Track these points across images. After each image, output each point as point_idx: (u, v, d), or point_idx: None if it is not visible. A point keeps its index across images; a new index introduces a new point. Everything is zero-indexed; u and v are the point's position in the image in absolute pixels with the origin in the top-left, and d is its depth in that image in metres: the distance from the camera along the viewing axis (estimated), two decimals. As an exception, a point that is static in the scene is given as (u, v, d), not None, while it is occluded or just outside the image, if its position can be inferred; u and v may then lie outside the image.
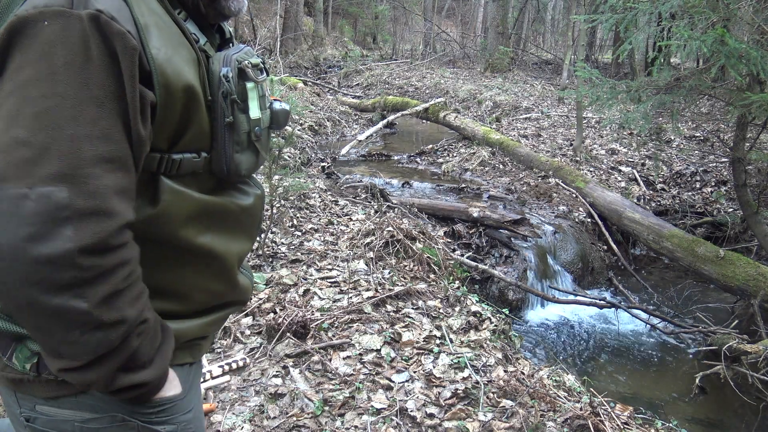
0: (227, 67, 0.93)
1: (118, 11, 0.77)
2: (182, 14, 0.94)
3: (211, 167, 0.96)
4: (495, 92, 11.35)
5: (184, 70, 0.85)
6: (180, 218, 0.91)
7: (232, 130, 0.95)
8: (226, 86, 0.92)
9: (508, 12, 16.27)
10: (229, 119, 0.94)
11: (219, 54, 0.96)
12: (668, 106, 4.58)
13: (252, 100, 0.98)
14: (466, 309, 3.30)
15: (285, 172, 3.71)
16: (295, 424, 2.28)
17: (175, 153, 0.89)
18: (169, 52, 0.83)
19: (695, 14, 3.90)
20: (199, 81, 0.89)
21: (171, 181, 0.89)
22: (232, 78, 0.93)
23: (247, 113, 0.97)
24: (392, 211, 4.81)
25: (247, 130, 0.98)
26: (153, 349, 0.88)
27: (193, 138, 0.91)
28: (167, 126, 0.86)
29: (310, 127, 8.42)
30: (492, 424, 2.34)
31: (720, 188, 6.49)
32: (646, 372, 3.91)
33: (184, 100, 0.86)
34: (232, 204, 1.01)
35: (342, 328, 2.94)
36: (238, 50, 0.99)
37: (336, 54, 18.86)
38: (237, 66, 0.95)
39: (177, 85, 0.84)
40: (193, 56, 0.89)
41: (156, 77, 0.81)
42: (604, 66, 15.53)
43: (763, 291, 3.87)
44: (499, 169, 6.92)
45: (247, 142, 0.99)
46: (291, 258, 3.65)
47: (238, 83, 0.95)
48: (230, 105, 0.93)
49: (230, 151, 0.96)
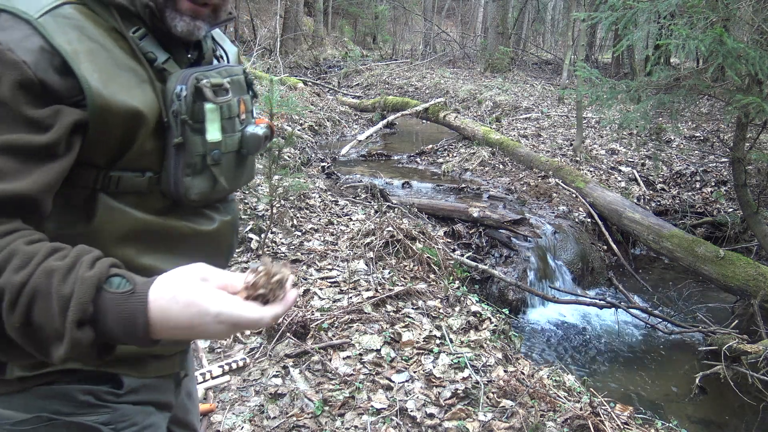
0: (182, 85, 0.89)
1: (18, 42, 0.78)
2: (140, 32, 0.89)
3: (161, 188, 0.91)
4: (495, 92, 11.36)
5: (125, 93, 0.84)
6: (115, 236, 0.88)
7: (183, 151, 0.90)
8: (177, 105, 0.88)
9: (508, 12, 16.28)
10: (178, 140, 0.89)
11: (178, 72, 0.91)
12: (668, 106, 4.58)
13: (211, 121, 0.92)
14: (466, 309, 3.30)
15: (285, 172, 3.71)
16: (295, 424, 2.28)
17: (114, 170, 0.86)
18: (104, 76, 0.82)
19: (694, 14, 3.90)
20: (150, 101, 0.87)
21: (109, 198, 0.87)
22: (184, 97, 0.88)
23: (202, 135, 0.91)
24: (392, 211, 4.81)
25: (201, 153, 0.92)
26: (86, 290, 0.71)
27: (137, 157, 0.87)
28: (103, 145, 0.84)
29: (310, 127, 8.42)
30: (492, 424, 2.34)
31: (720, 188, 6.49)
32: (646, 372, 3.91)
33: (125, 123, 0.84)
34: (186, 228, 0.96)
35: (342, 328, 2.94)
36: (206, 68, 0.94)
37: (336, 54, 18.87)
38: (194, 84, 0.90)
39: (115, 110, 0.82)
40: (143, 77, 0.87)
41: (90, 101, 0.80)
42: (604, 66, 15.54)
43: (763, 291, 3.87)
44: (499, 169, 6.92)
45: (202, 165, 0.93)
46: (291, 258, 3.65)
47: (192, 103, 0.90)
48: (180, 125, 0.89)
49: (179, 174, 0.91)
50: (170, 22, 0.90)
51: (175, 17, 0.89)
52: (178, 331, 0.72)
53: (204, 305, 0.71)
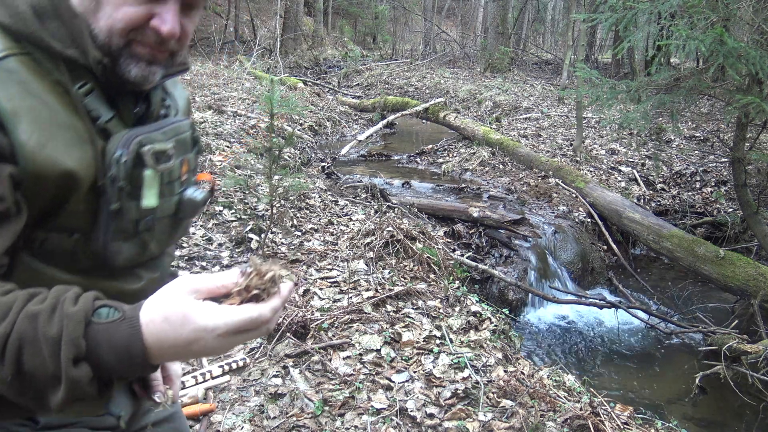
0: (123, 149, 0.84)
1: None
2: (87, 87, 0.85)
3: (89, 248, 0.87)
4: (495, 92, 11.36)
5: (62, 153, 0.80)
6: None
7: (117, 216, 0.86)
8: (115, 170, 0.83)
9: (508, 12, 16.29)
10: (115, 206, 0.85)
11: (121, 133, 0.86)
12: (668, 106, 4.58)
13: (149, 188, 0.88)
14: (466, 309, 3.30)
15: (285, 172, 3.70)
16: (295, 424, 2.28)
17: (40, 230, 0.82)
18: (42, 137, 0.78)
19: (695, 14, 3.90)
20: (88, 162, 0.82)
21: (31, 258, 0.82)
22: (124, 162, 0.84)
23: (138, 200, 0.87)
24: (392, 211, 4.81)
25: (135, 219, 0.88)
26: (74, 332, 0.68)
27: (67, 218, 0.83)
28: (32, 205, 0.80)
29: (310, 127, 8.42)
30: (492, 424, 2.34)
31: (720, 188, 6.49)
32: (646, 372, 3.91)
33: (58, 185, 0.80)
34: (112, 287, 0.91)
35: (342, 328, 2.94)
36: (152, 129, 0.90)
37: (336, 54, 18.88)
38: (136, 149, 0.85)
39: (49, 172, 0.78)
40: (83, 135, 0.82)
41: (22, 163, 0.76)
42: (604, 66, 15.55)
43: (763, 291, 3.87)
44: (499, 169, 6.92)
45: (134, 231, 0.89)
46: (291, 258, 3.65)
47: (131, 169, 0.85)
48: (117, 191, 0.84)
49: (109, 238, 0.86)
50: (124, 68, 0.85)
51: (130, 63, 0.85)
52: (177, 351, 0.70)
53: (198, 321, 0.68)
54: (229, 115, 7.01)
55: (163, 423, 1.16)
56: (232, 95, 8.26)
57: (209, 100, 7.48)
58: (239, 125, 6.68)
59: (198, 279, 0.73)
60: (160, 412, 1.16)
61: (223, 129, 6.27)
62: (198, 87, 8.41)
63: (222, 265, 3.44)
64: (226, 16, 18.03)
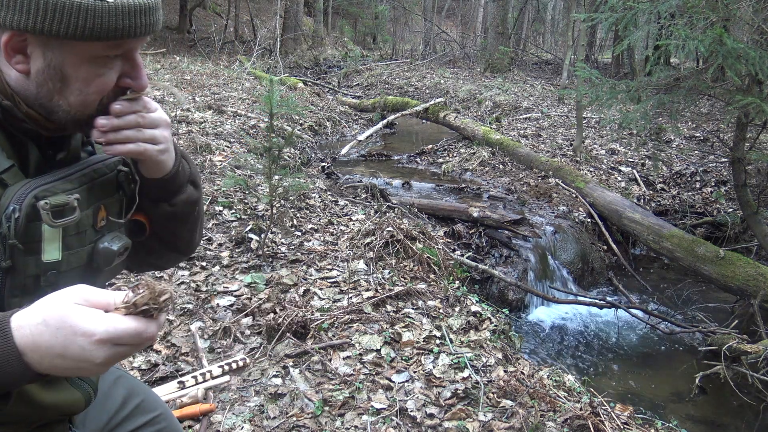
0: (15, 204, 0.79)
1: None
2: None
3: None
4: (495, 92, 11.35)
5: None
6: None
7: (12, 273, 0.81)
8: (5, 228, 0.78)
9: (508, 12, 16.29)
10: (6, 264, 0.79)
11: (15, 186, 0.81)
12: (668, 106, 4.58)
13: (49, 242, 0.82)
14: (466, 309, 3.30)
15: (285, 172, 3.70)
16: (295, 424, 2.28)
17: None
18: None
19: (694, 14, 3.90)
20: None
21: None
22: (17, 218, 0.79)
23: (38, 255, 0.82)
24: (392, 211, 4.81)
25: (34, 274, 0.82)
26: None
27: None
28: None
29: (310, 127, 8.42)
30: (492, 424, 2.34)
31: (720, 188, 6.49)
32: (646, 372, 3.91)
33: None
34: None
35: (342, 328, 2.94)
36: (56, 177, 0.85)
37: (336, 54, 18.89)
38: (31, 203, 0.80)
39: None
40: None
41: None
42: (604, 66, 15.55)
43: (763, 291, 3.87)
44: (499, 169, 6.92)
45: (34, 287, 0.83)
46: (291, 258, 3.65)
47: (26, 224, 0.80)
48: (8, 249, 0.79)
49: (5, 295, 0.81)
50: (62, 115, 0.84)
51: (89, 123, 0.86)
52: (54, 355, 0.67)
53: (75, 324, 0.66)
54: (229, 115, 7.01)
55: (147, 426, 1.14)
56: (232, 95, 8.26)
57: (209, 100, 7.48)
58: (239, 125, 6.68)
59: (89, 290, 0.71)
60: (142, 417, 1.14)
61: (223, 129, 6.27)
62: (198, 87, 8.42)
63: (222, 265, 3.44)
64: (226, 16, 18.04)
